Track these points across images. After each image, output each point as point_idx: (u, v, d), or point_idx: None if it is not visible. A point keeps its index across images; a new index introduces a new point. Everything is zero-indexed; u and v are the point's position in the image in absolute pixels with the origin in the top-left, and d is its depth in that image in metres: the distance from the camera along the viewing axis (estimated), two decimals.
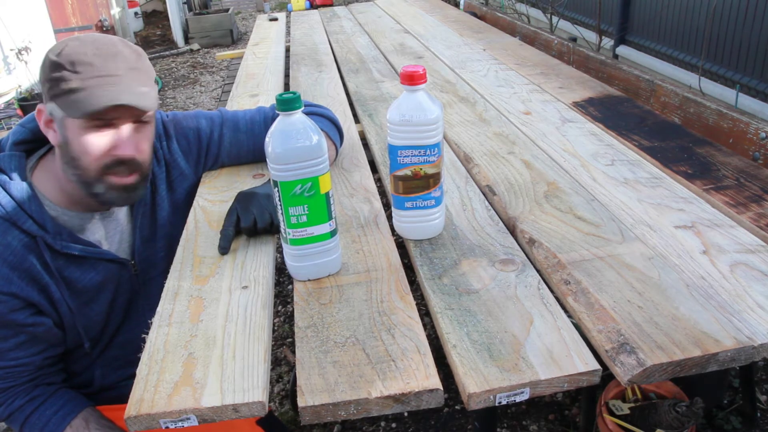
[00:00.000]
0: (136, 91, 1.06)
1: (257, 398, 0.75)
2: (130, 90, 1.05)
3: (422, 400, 0.76)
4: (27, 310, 1.11)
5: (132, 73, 1.07)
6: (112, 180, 1.09)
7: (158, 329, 0.89)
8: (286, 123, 0.91)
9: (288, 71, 2.45)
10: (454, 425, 1.97)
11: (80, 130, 1.05)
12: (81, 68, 1.03)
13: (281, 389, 2.21)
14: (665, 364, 0.77)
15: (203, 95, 5.90)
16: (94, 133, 1.06)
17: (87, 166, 1.07)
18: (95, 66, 1.03)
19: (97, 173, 1.08)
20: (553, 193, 1.23)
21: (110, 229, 1.22)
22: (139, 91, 1.07)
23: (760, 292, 0.89)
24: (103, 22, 7.25)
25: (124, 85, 1.05)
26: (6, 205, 1.07)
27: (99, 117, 1.04)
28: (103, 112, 1.03)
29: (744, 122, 1.42)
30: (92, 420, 1.18)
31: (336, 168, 1.42)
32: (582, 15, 4.79)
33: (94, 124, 1.05)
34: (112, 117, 1.06)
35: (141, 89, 1.08)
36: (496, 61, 2.27)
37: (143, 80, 1.09)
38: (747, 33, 3.14)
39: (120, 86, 1.05)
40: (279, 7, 9.14)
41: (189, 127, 1.33)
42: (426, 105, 0.98)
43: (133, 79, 1.07)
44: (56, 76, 1.03)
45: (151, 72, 1.13)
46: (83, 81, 1.03)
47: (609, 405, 1.58)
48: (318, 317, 0.91)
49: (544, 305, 0.90)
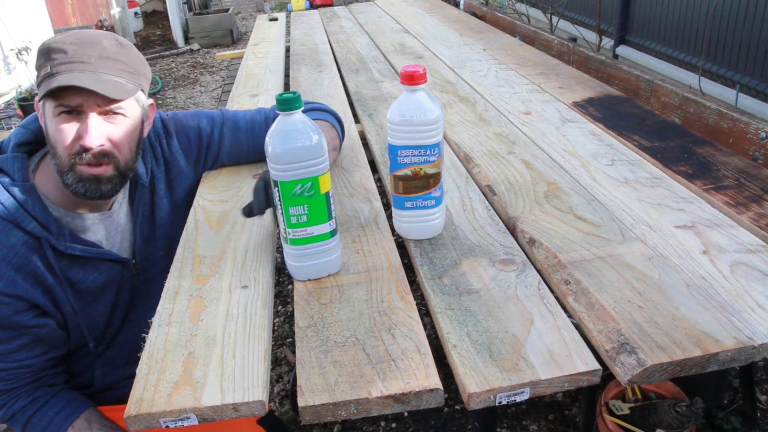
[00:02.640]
0: (101, 78, 1.05)
1: (257, 397, 0.75)
2: (94, 76, 1.04)
3: (422, 399, 0.76)
4: (31, 311, 1.11)
5: (104, 61, 1.06)
6: (82, 170, 1.08)
7: (158, 329, 0.89)
8: (286, 123, 0.91)
9: (288, 71, 2.45)
10: (454, 425, 1.97)
11: (53, 118, 1.06)
12: (55, 55, 1.04)
13: (281, 389, 2.21)
14: (665, 364, 0.77)
15: (203, 95, 5.90)
16: (64, 121, 1.06)
17: (60, 154, 1.07)
18: (68, 53, 1.04)
19: (67, 162, 1.07)
20: (553, 193, 1.23)
21: (111, 229, 1.22)
22: (105, 78, 1.05)
23: (760, 292, 0.89)
24: (103, 22, 7.25)
25: (90, 71, 1.04)
26: (9, 207, 1.07)
27: (64, 103, 1.04)
28: (64, 96, 1.03)
29: (744, 122, 1.42)
30: (94, 420, 1.18)
31: (336, 168, 1.42)
32: (582, 15, 4.79)
33: (62, 111, 1.05)
34: (77, 104, 1.05)
35: (110, 78, 1.06)
36: (496, 61, 2.27)
37: (117, 70, 1.08)
38: (747, 33, 3.14)
39: (84, 72, 1.04)
40: (279, 7, 9.14)
41: (189, 126, 1.33)
42: (426, 105, 0.98)
43: (104, 67, 1.06)
44: (38, 65, 1.06)
45: (134, 65, 1.11)
46: (54, 67, 1.03)
47: (609, 405, 1.58)
48: (318, 317, 0.91)
49: (544, 305, 0.90)
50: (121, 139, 1.10)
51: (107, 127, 1.08)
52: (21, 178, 1.09)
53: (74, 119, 1.06)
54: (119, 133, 1.10)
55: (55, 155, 1.07)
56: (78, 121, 1.06)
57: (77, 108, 1.05)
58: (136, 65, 1.12)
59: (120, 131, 1.10)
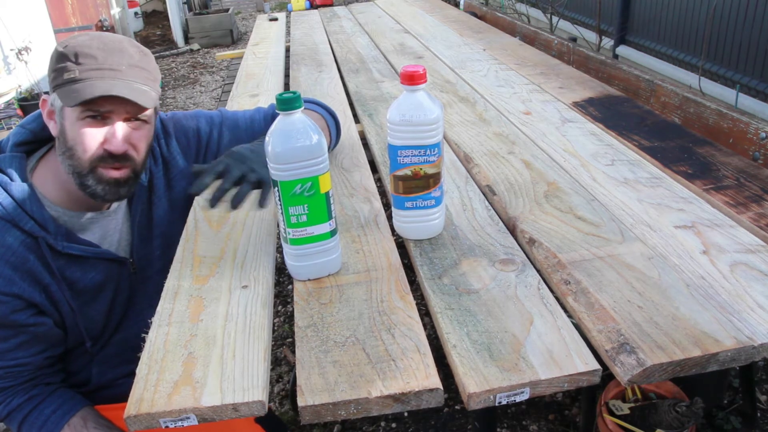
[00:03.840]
0: (133, 87, 1.07)
1: (257, 397, 0.75)
2: (127, 85, 1.06)
3: (422, 399, 0.76)
4: (29, 310, 1.11)
5: (133, 69, 1.08)
6: (103, 173, 1.09)
7: (158, 329, 0.88)
8: (286, 122, 0.91)
9: (288, 71, 2.46)
10: (454, 425, 1.97)
11: (76, 121, 1.06)
12: (83, 60, 1.05)
13: (281, 389, 2.21)
14: (665, 364, 0.77)
15: (203, 95, 5.90)
16: (89, 125, 1.07)
17: (80, 157, 1.08)
18: (97, 58, 1.05)
19: (89, 165, 1.08)
20: (553, 193, 1.23)
21: (109, 228, 1.22)
22: (136, 87, 1.07)
23: (760, 292, 0.89)
24: (103, 22, 7.24)
25: (121, 79, 1.06)
26: (7, 206, 1.07)
27: (93, 108, 1.05)
28: (96, 102, 1.04)
29: (744, 122, 1.42)
30: (90, 419, 1.18)
31: (336, 168, 1.42)
32: (582, 15, 4.79)
33: (88, 115, 1.06)
34: (107, 110, 1.07)
35: (139, 86, 1.08)
36: (496, 61, 2.27)
37: (144, 79, 1.10)
38: (747, 33, 3.14)
39: (117, 80, 1.05)
40: (279, 7, 9.14)
41: (188, 126, 1.33)
42: (426, 105, 0.98)
43: (134, 76, 1.08)
44: (60, 66, 1.06)
45: (155, 73, 1.14)
46: (83, 72, 1.04)
47: (609, 405, 1.58)
48: (318, 317, 0.91)
49: (544, 305, 0.90)
50: (141, 143, 1.14)
51: (131, 133, 1.11)
52: (19, 177, 1.10)
53: (100, 124, 1.08)
54: (140, 139, 1.13)
55: (73, 157, 1.08)
56: (103, 126, 1.08)
57: (105, 113, 1.07)
58: (155, 73, 1.14)
59: (141, 136, 1.13)
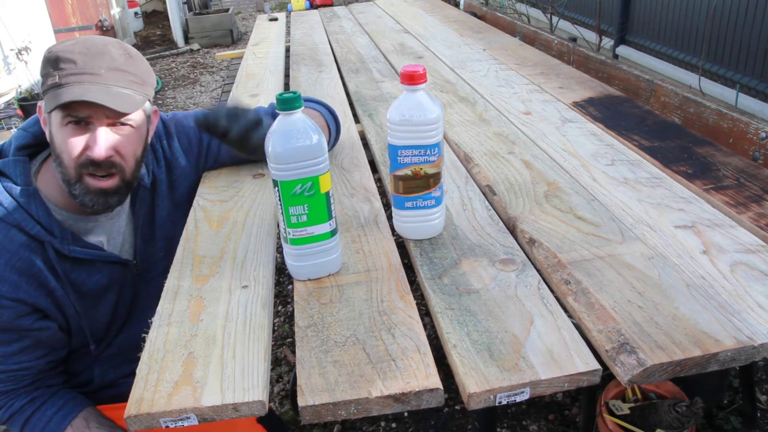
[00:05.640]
0: (111, 91, 1.05)
1: (257, 397, 0.75)
2: (104, 89, 1.04)
3: (422, 399, 0.76)
4: (33, 315, 1.11)
5: (114, 73, 1.06)
6: (90, 183, 1.08)
7: (158, 329, 0.88)
8: (286, 122, 0.91)
9: (288, 71, 2.45)
10: (454, 425, 1.97)
11: (61, 128, 1.06)
12: (63, 65, 1.04)
13: (281, 389, 2.21)
14: (665, 364, 0.77)
15: (203, 95, 5.90)
16: (72, 131, 1.05)
17: (67, 164, 1.06)
18: (77, 63, 1.04)
19: (75, 173, 1.07)
20: (553, 193, 1.23)
21: (113, 231, 1.22)
22: (115, 91, 1.05)
23: (760, 292, 0.89)
24: (103, 22, 7.24)
25: (100, 83, 1.04)
26: (13, 211, 1.06)
27: (72, 114, 1.04)
28: (73, 107, 1.03)
29: (744, 122, 1.42)
30: (92, 419, 1.18)
31: (336, 168, 1.42)
32: (582, 15, 4.79)
33: (70, 121, 1.05)
34: (86, 115, 1.05)
35: (119, 90, 1.06)
36: (496, 61, 2.27)
37: (127, 82, 1.07)
38: (747, 33, 3.14)
39: (94, 84, 1.03)
40: (279, 7, 9.14)
41: (190, 126, 1.33)
42: (426, 105, 0.98)
43: (114, 80, 1.06)
44: (45, 72, 1.06)
45: (143, 76, 1.11)
46: (63, 77, 1.03)
47: (609, 405, 1.58)
48: (318, 317, 0.91)
49: (544, 305, 0.90)
50: (127, 149, 1.11)
51: (115, 138, 1.08)
52: (23, 182, 1.09)
53: (82, 130, 1.06)
54: (126, 144, 1.10)
55: (61, 164, 1.07)
56: (86, 132, 1.06)
57: (86, 119, 1.06)
58: (143, 75, 1.12)
59: (127, 142, 1.11)
